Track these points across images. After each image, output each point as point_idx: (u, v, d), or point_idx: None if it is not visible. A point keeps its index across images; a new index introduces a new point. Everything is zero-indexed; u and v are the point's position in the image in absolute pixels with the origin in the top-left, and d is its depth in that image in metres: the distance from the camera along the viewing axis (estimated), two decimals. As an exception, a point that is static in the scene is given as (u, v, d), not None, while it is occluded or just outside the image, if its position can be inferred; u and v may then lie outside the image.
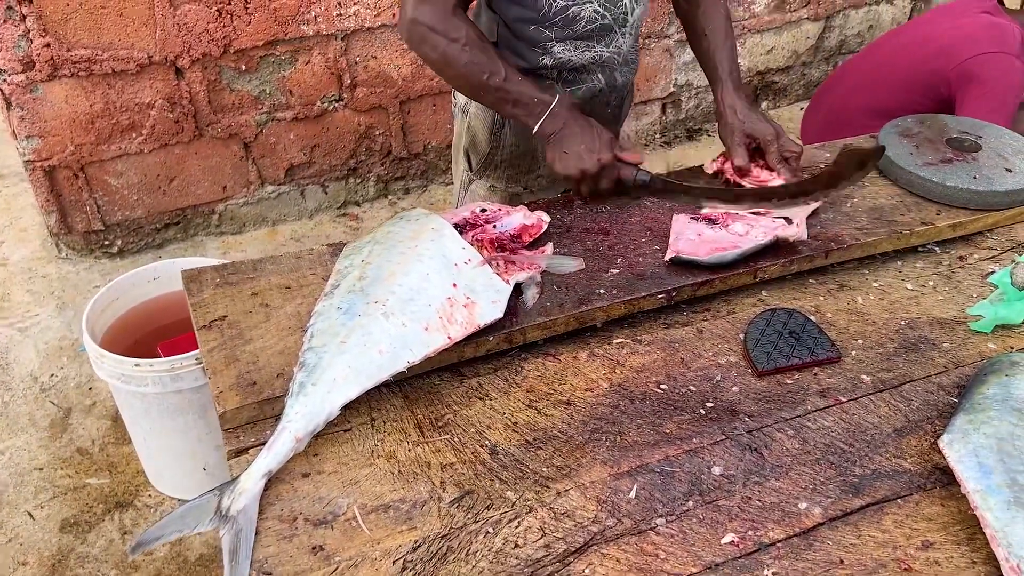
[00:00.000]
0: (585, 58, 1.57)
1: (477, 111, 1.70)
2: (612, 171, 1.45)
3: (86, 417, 2.45)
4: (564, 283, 1.36)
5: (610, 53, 1.59)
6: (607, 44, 1.58)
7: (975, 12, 2.49)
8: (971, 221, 1.53)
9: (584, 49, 1.56)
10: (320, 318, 1.20)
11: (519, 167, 1.74)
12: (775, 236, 1.39)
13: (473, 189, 1.81)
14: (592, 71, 1.61)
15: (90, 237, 3.08)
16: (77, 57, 2.73)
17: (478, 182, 1.80)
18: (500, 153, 1.73)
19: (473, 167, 1.79)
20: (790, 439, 1.14)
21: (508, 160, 1.73)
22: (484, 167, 1.76)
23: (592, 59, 1.58)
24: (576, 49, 1.56)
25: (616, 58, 1.62)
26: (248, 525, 1.00)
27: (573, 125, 1.45)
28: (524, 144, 1.70)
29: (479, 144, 1.74)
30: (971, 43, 2.39)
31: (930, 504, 1.06)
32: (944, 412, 1.19)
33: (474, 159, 1.77)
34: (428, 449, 1.12)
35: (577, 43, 1.55)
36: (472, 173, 1.80)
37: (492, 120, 1.69)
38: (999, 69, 2.32)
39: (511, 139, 1.70)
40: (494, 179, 1.77)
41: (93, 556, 2.07)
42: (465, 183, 1.83)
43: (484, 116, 1.70)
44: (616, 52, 1.60)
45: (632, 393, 1.22)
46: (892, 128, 1.71)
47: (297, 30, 2.99)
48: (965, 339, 1.33)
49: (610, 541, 1.00)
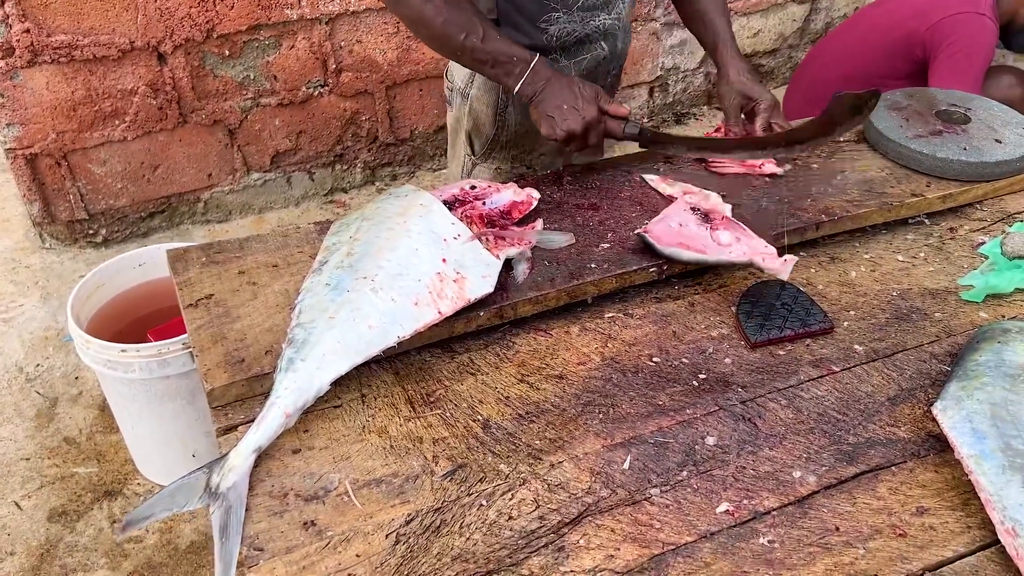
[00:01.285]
0: (589, 27, 1.55)
1: (479, 93, 1.67)
2: (599, 127, 1.45)
3: (73, 406, 2.43)
4: (555, 258, 1.35)
5: (612, 20, 1.58)
6: (609, 11, 1.56)
7: None
8: (961, 192, 1.53)
9: (588, 19, 1.54)
10: (308, 294, 1.19)
11: (523, 146, 1.72)
12: (750, 260, 1.29)
13: (476, 174, 1.78)
14: (595, 40, 1.59)
15: (74, 226, 3.05)
16: (58, 43, 2.69)
17: (482, 165, 1.77)
18: (505, 134, 1.70)
19: (476, 151, 1.75)
20: (783, 409, 1.14)
21: (512, 140, 1.71)
22: (489, 150, 1.73)
23: (596, 28, 1.56)
24: (581, 20, 1.54)
25: (617, 24, 1.60)
26: (238, 502, 0.99)
27: (555, 83, 1.43)
28: (528, 123, 1.68)
29: (483, 127, 1.71)
30: (943, 4, 2.41)
31: (924, 471, 1.06)
32: (937, 380, 1.19)
33: (477, 143, 1.74)
34: (420, 424, 1.11)
35: (583, 13, 1.53)
36: (476, 157, 1.76)
37: (496, 101, 1.66)
38: (970, 28, 2.35)
39: (515, 118, 1.67)
40: (500, 161, 1.74)
41: (82, 545, 2.06)
42: (468, 168, 1.79)
43: (487, 98, 1.67)
44: (617, 18, 1.59)
45: (624, 366, 1.21)
46: (881, 102, 1.70)
47: (281, 14, 2.95)
48: (956, 308, 1.33)
49: (604, 512, 1.00)
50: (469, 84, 1.68)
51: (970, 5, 2.41)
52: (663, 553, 0.95)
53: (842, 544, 0.96)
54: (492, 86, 1.65)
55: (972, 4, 2.41)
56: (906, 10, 2.51)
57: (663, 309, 1.31)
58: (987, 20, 2.40)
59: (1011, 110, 1.67)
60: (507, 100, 1.66)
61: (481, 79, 1.65)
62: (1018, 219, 1.51)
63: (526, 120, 1.67)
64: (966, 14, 2.39)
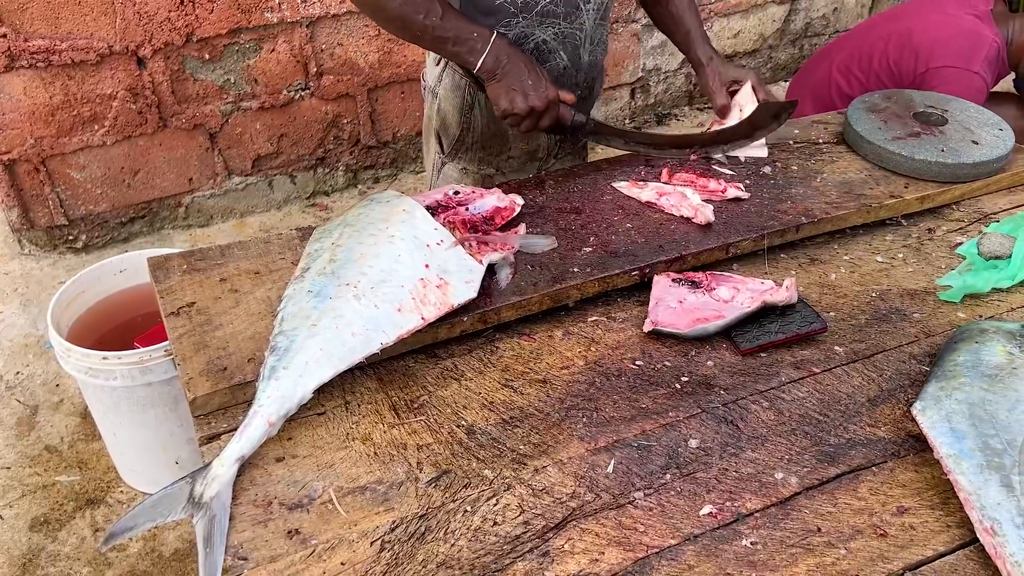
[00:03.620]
0: (548, 34, 1.56)
1: (447, 93, 1.69)
2: (556, 109, 1.50)
3: (54, 414, 2.41)
4: (538, 262, 1.35)
5: (572, 29, 1.58)
6: (571, 21, 1.56)
7: (964, 11, 2.49)
8: (939, 193, 1.54)
9: (548, 25, 1.55)
10: (291, 301, 1.18)
11: (490, 149, 1.73)
12: (763, 302, 1.27)
13: (446, 172, 1.79)
14: (554, 49, 1.59)
15: (53, 232, 3.02)
16: (35, 48, 2.66)
17: (450, 164, 1.78)
18: (471, 135, 1.71)
19: (445, 149, 1.77)
20: (765, 411, 1.15)
21: (479, 142, 1.72)
22: (456, 149, 1.75)
23: (554, 35, 1.56)
24: (540, 25, 1.54)
25: (579, 34, 1.60)
26: (222, 511, 0.98)
27: (517, 61, 1.46)
28: (495, 125, 1.69)
29: (449, 126, 1.72)
30: (939, 51, 2.40)
31: (904, 471, 1.07)
32: (916, 380, 1.20)
33: (445, 141, 1.76)
34: (404, 431, 1.11)
35: (541, 19, 1.53)
36: (444, 156, 1.78)
37: (462, 101, 1.67)
38: (958, 85, 2.33)
39: (481, 120, 1.69)
40: (466, 161, 1.76)
41: (65, 554, 2.04)
42: (437, 166, 1.81)
43: (454, 98, 1.68)
44: (579, 28, 1.59)
45: (608, 370, 1.21)
46: (860, 104, 1.72)
47: (261, 18, 2.94)
48: (935, 309, 1.34)
49: (589, 516, 1.00)
50: (438, 83, 1.70)
51: (963, 60, 2.38)
52: (647, 556, 0.95)
53: (824, 545, 0.97)
54: (458, 86, 1.66)
55: (965, 60, 2.38)
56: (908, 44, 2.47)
57: (645, 312, 1.31)
58: (977, 78, 2.37)
59: (987, 111, 1.69)
60: (472, 102, 1.67)
61: (449, 78, 1.66)
62: (994, 219, 1.53)
63: (492, 123, 1.68)
64: (956, 70, 2.37)
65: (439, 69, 1.68)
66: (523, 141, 1.73)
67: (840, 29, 4.41)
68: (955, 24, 2.45)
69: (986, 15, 2.48)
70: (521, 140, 1.73)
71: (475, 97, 1.66)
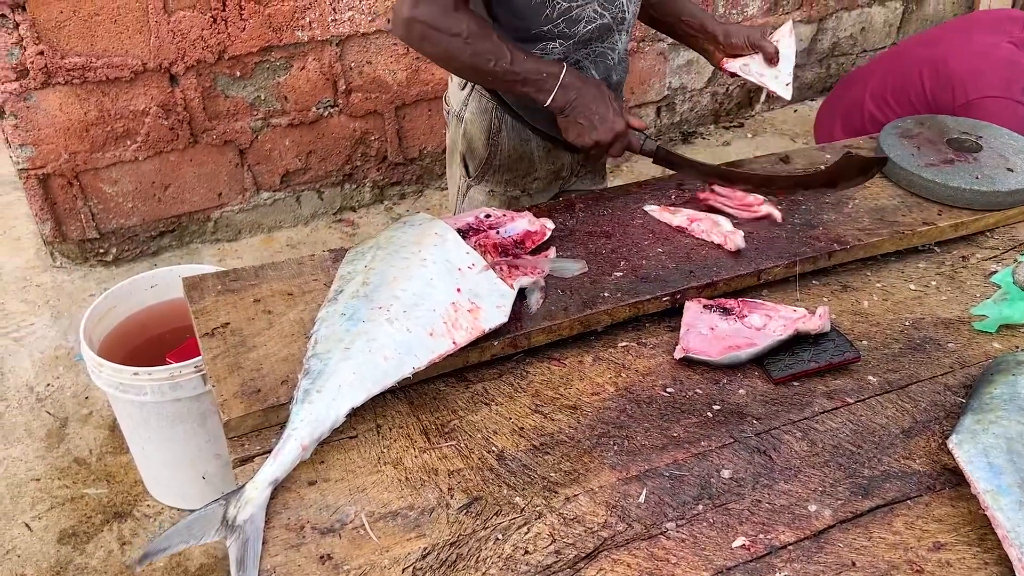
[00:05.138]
0: (581, 54, 1.57)
1: (473, 117, 1.70)
2: (624, 139, 1.52)
3: (83, 427, 2.44)
4: (568, 287, 1.35)
5: (605, 49, 1.59)
6: (603, 41, 1.57)
7: (1002, 39, 2.45)
8: (973, 221, 1.53)
9: (582, 47, 1.56)
10: (324, 324, 1.19)
11: (516, 170, 1.74)
12: (795, 330, 1.26)
13: (472, 195, 1.80)
14: (586, 68, 1.60)
15: (85, 245, 3.06)
16: (71, 65, 2.71)
17: (476, 187, 1.79)
18: (498, 157, 1.72)
19: (471, 173, 1.78)
20: (798, 441, 1.14)
21: (506, 164, 1.73)
22: (482, 172, 1.76)
23: (586, 55, 1.57)
24: (576, 50, 1.55)
25: (611, 54, 1.61)
26: (255, 534, 0.99)
27: (585, 95, 1.47)
28: (521, 148, 1.70)
29: (476, 149, 1.73)
30: (979, 81, 2.35)
31: (940, 505, 1.06)
32: (951, 412, 1.19)
33: (471, 165, 1.76)
34: (435, 455, 1.11)
35: (578, 44, 1.55)
36: (470, 179, 1.79)
37: (489, 125, 1.68)
38: (1000, 115, 2.30)
39: (508, 143, 1.70)
40: (492, 183, 1.77)
41: (92, 567, 2.06)
42: (463, 189, 1.82)
43: (480, 121, 1.69)
44: (611, 48, 1.60)
45: (639, 397, 1.21)
46: (892, 129, 1.71)
47: (292, 36, 2.98)
48: (970, 339, 1.33)
49: (620, 546, 1.00)
50: (463, 107, 1.71)
51: (1003, 88, 2.34)
52: (680, 589, 0.95)
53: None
54: (485, 109, 1.67)
55: (1006, 87, 2.34)
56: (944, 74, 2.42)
57: (676, 338, 1.31)
58: (1018, 107, 2.32)
59: (1022, 138, 1.67)
60: (499, 125, 1.68)
61: (475, 102, 1.68)
62: (1030, 247, 1.52)
63: (519, 145, 1.69)
64: (999, 99, 2.33)
65: (464, 93, 1.69)
66: (548, 162, 1.74)
67: (868, 49, 4.40)
68: (992, 53, 2.42)
69: (1021, 42, 2.46)
70: (547, 161, 1.73)
71: (502, 120, 1.67)
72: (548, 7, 1.48)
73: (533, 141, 1.69)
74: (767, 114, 4.28)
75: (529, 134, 1.68)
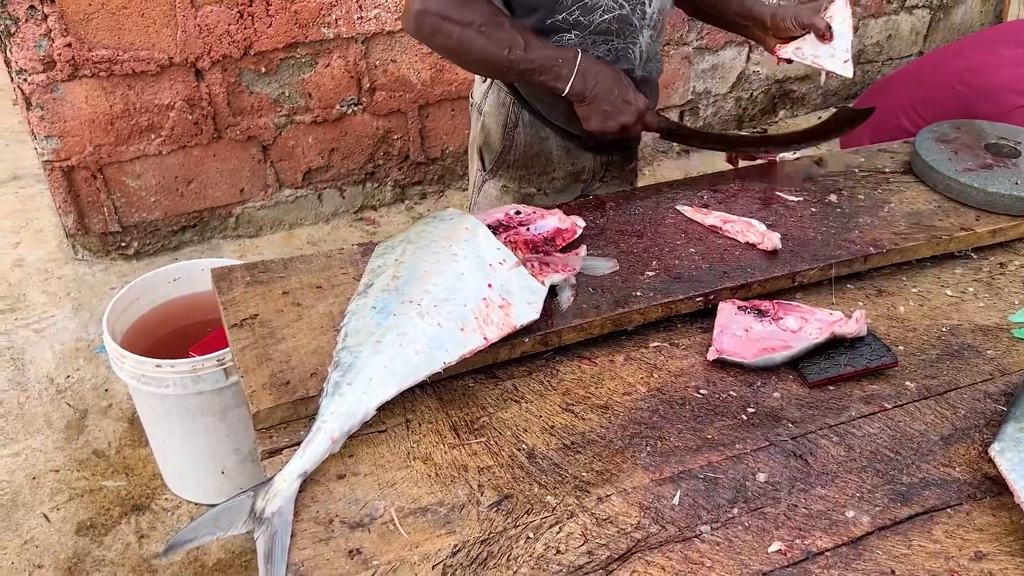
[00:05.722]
0: (600, 50, 1.54)
1: (491, 110, 1.68)
2: (643, 118, 1.52)
3: (102, 419, 2.44)
4: (599, 285, 1.34)
5: (625, 44, 1.56)
6: (624, 37, 1.55)
7: None
8: (1012, 227, 1.50)
9: (600, 43, 1.53)
10: (354, 317, 1.18)
11: (531, 168, 1.72)
12: (831, 333, 1.23)
13: (486, 189, 1.78)
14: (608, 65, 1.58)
15: (107, 238, 3.07)
16: (98, 57, 2.72)
17: (491, 182, 1.77)
18: (513, 152, 1.70)
19: (486, 166, 1.76)
20: (835, 446, 1.12)
21: (520, 160, 1.71)
22: (497, 166, 1.74)
23: (607, 51, 1.55)
24: (594, 44, 1.53)
25: (632, 51, 1.58)
26: (283, 527, 0.98)
27: (604, 80, 1.46)
28: (538, 144, 1.68)
29: (492, 143, 1.72)
30: (1017, 91, 2.30)
31: (981, 514, 1.03)
32: (992, 420, 1.16)
33: (487, 158, 1.75)
34: (464, 452, 1.10)
35: (595, 37, 1.52)
36: (485, 172, 1.77)
37: (506, 119, 1.66)
38: None
39: (524, 138, 1.67)
40: (507, 179, 1.74)
41: (109, 560, 2.05)
42: (478, 183, 1.80)
43: (498, 115, 1.67)
44: (632, 44, 1.57)
45: (671, 398, 1.19)
46: (928, 133, 1.68)
47: (317, 33, 2.98)
48: (1010, 346, 1.30)
49: (654, 548, 0.98)
50: (483, 100, 1.70)
51: None
52: (715, 593, 0.93)
53: (900, 589, 0.94)
54: (503, 103, 1.66)
55: None
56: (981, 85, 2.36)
57: (709, 339, 1.29)
58: None
59: (1061, 144, 1.64)
60: (516, 120, 1.66)
61: (494, 96, 1.66)
62: (1069, 255, 1.49)
63: (536, 142, 1.67)
64: None
65: (485, 87, 1.68)
66: (568, 162, 1.71)
67: (894, 56, 4.36)
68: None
69: None
70: (566, 161, 1.71)
71: (519, 115, 1.65)
72: None
73: (552, 139, 1.67)
74: (790, 120, 4.25)
75: (548, 132, 1.66)
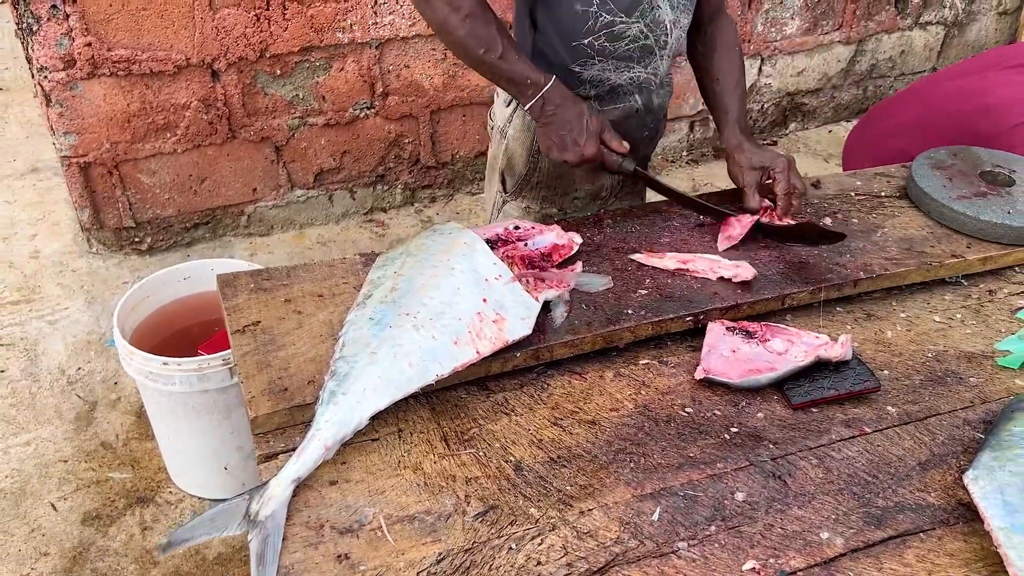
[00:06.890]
0: (623, 78, 1.58)
1: (516, 134, 1.71)
2: (594, 163, 1.52)
3: (111, 411, 2.49)
4: (592, 302, 1.37)
5: (647, 74, 1.61)
6: (646, 65, 1.59)
7: None
8: (1003, 255, 1.53)
9: (623, 69, 1.57)
10: (352, 327, 1.22)
11: (555, 189, 1.75)
12: (816, 356, 1.26)
13: (507, 211, 1.81)
14: (630, 92, 1.62)
15: (121, 234, 3.13)
16: (117, 57, 2.78)
17: (512, 203, 1.80)
18: (537, 174, 1.73)
19: (508, 189, 1.78)
20: (814, 468, 1.15)
21: (544, 182, 1.74)
22: (520, 188, 1.77)
23: (630, 79, 1.59)
24: (616, 69, 1.57)
25: (653, 79, 1.63)
26: (276, 530, 1.02)
27: (563, 112, 1.48)
28: (563, 167, 1.71)
29: (516, 166, 1.74)
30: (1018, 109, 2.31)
31: (952, 539, 1.06)
32: (969, 447, 1.19)
33: (510, 181, 1.78)
34: (454, 462, 1.14)
35: (618, 63, 1.56)
36: (507, 195, 1.80)
37: (531, 142, 1.69)
38: None
39: (549, 162, 1.70)
40: (529, 200, 1.78)
41: (114, 550, 2.10)
42: (498, 205, 1.83)
43: (524, 139, 1.70)
44: (653, 73, 1.62)
45: (657, 415, 1.22)
46: (924, 159, 1.71)
47: (332, 37, 3.03)
48: (993, 374, 1.32)
49: (632, 563, 1.01)
50: (508, 124, 1.72)
51: None
52: (688, 608, 0.96)
53: (867, 610, 0.97)
54: (528, 127, 1.68)
55: None
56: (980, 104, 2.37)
57: (698, 359, 1.32)
58: None
59: (1056, 173, 1.66)
60: None
61: (519, 119, 1.69)
62: (1059, 285, 1.51)
63: (560, 165, 1.70)
64: None
65: (509, 110, 1.70)
66: (588, 182, 1.75)
67: (907, 72, 4.37)
68: None
69: None
70: (587, 181, 1.74)
71: None
72: (591, 19, 1.50)
73: None
74: (800, 133, 4.26)
75: None
